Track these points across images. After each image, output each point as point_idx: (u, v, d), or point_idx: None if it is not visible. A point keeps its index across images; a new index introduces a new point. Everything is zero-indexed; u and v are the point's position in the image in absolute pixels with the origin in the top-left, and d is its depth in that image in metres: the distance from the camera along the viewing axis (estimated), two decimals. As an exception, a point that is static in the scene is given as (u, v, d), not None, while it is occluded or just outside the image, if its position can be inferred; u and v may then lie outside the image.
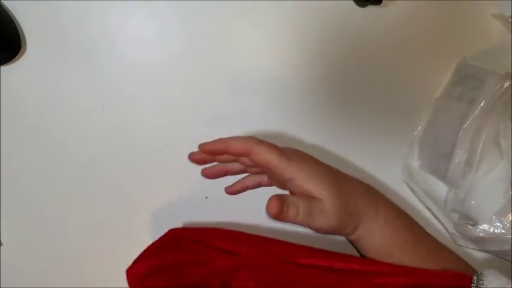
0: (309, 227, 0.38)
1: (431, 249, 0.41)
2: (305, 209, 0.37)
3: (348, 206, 0.38)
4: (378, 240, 0.40)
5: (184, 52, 0.46)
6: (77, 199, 0.46)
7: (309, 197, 0.38)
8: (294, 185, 0.38)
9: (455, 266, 0.41)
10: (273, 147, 0.38)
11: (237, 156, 0.40)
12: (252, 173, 0.45)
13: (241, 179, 0.46)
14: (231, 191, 0.46)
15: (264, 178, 0.45)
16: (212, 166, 0.45)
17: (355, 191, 0.40)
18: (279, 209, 0.36)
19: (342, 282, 0.37)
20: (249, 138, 0.39)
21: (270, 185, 0.45)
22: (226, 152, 0.39)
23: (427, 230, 0.44)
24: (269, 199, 0.36)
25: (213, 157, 0.42)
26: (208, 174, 0.45)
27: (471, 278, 0.37)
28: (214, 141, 0.40)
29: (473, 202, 0.44)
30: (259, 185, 0.45)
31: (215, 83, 0.46)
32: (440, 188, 0.48)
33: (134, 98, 0.45)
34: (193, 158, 0.42)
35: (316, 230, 0.39)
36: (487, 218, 0.44)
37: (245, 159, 0.41)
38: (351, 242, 0.43)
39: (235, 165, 0.44)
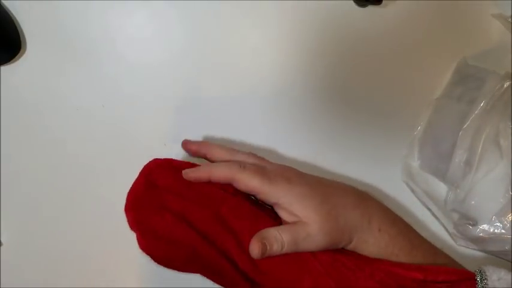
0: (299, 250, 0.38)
1: (427, 255, 0.41)
2: (290, 240, 0.36)
3: (337, 223, 0.38)
4: (373, 249, 0.39)
5: (184, 52, 0.46)
6: (77, 199, 0.46)
7: (292, 226, 0.37)
8: (280, 209, 0.38)
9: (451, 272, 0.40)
10: (257, 172, 0.38)
11: (220, 182, 0.40)
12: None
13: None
14: None
15: None
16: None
17: (346, 203, 0.39)
18: (262, 250, 0.35)
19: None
20: (232, 165, 0.38)
21: None
22: (210, 179, 0.39)
23: (427, 230, 0.44)
24: (250, 242, 0.36)
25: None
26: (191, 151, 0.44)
27: (474, 274, 0.37)
28: (197, 169, 0.39)
29: (473, 202, 0.44)
30: None
31: (215, 82, 0.46)
32: (440, 188, 0.48)
33: (134, 98, 0.45)
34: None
35: (305, 250, 0.38)
36: (487, 218, 0.44)
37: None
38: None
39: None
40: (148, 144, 0.46)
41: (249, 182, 0.38)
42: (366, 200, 0.41)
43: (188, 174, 0.39)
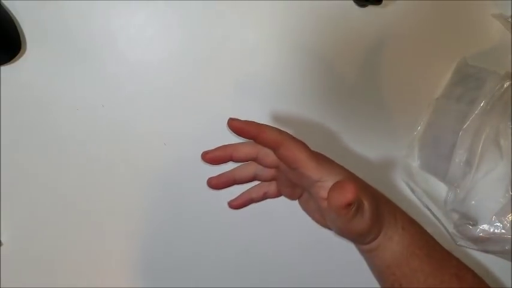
0: (343, 228, 0.37)
1: (443, 256, 0.41)
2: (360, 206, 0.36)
3: (377, 209, 0.38)
4: (397, 247, 0.39)
5: (184, 52, 0.46)
6: (77, 199, 0.46)
7: None
8: (323, 186, 0.37)
9: (464, 272, 0.41)
10: (305, 146, 0.37)
11: (264, 145, 0.38)
12: (263, 179, 0.43)
13: (246, 191, 0.43)
14: (235, 204, 0.43)
15: (271, 187, 0.43)
16: (219, 175, 0.42)
17: (379, 196, 0.40)
18: (355, 198, 0.34)
19: None
20: (283, 131, 0.37)
21: (276, 196, 0.44)
22: (256, 137, 0.37)
23: (427, 230, 0.44)
24: (349, 183, 0.34)
25: (230, 156, 0.39)
26: (214, 184, 0.41)
27: None
28: (247, 123, 0.37)
29: (473, 202, 0.45)
30: (264, 196, 0.43)
31: (215, 82, 0.46)
32: (440, 188, 0.49)
33: (134, 98, 0.45)
34: (207, 158, 0.39)
35: (347, 230, 0.37)
36: (487, 218, 0.44)
37: (265, 158, 0.39)
38: (366, 252, 0.42)
39: (245, 172, 0.42)
40: (148, 144, 0.46)
41: (298, 152, 0.37)
42: (389, 199, 0.42)
43: (234, 122, 0.37)
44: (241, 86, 0.47)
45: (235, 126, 0.37)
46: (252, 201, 0.44)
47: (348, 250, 0.46)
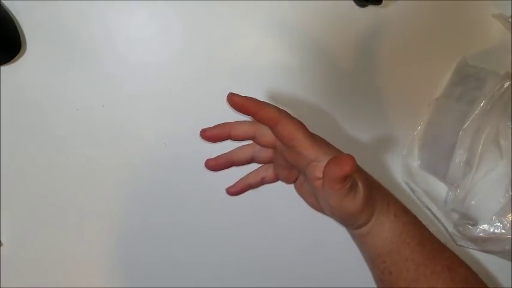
0: (335, 206, 0.37)
1: (436, 247, 0.41)
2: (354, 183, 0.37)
3: (370, 192, 0.38)
4: (388, 234, 0.39)
5: (184, 52, 0.46)
6: (77, 199, 0.46)
7: None
8: (318, 166, 0.37)
9: (457, 265, 0.41)
10: (302, 125, 0.38)
11: (263, 122, 0.38)
12: (260, 160, 0.43)
13: (243, 177, 0.44)
14: (233, 191, 0.44)
15: (269, 172, 0.43)
16: (217, 157, 0.42)
17: (373, 181, 0.40)
18: (351, 170, 0.34)
19: None
20: (282, 109, 0.37)
21: (273, 180, 0.44)
22: (255, 114, 0.37)
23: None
24: (347, 156, 0.34)
25: (228, 134, 0.40)
26: (212, 166, 0.42)
27: None
28: (247, 98, 0.37)
29: (473, 202, 0.45)
30: (262, 181, 0.44)
31: (215, 82, 0.46)
32: (440, 188, 0.49)
33: (134, 98, 0.45)
34: (206, 135, 0.39)
35: (340, 210, 0.37)
36: (487, 218, 0.44)
37: (263, 137, 0.39)
38: (358, 238, 0.42)
39: (243, 153, 0.42)
40: (148, 144, 0.46)
41: (295, 130, 0.37)
42: (383, 186, 0.42)
43: (234, 97, 0.37)
44: (242, 85, 0.47)
45: (235, 101, 0.37)
46: (250, 187, 0.44)
47: (348, 251, 0.46)
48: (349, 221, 0.40)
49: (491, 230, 0.44)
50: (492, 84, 0.44)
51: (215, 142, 0.39)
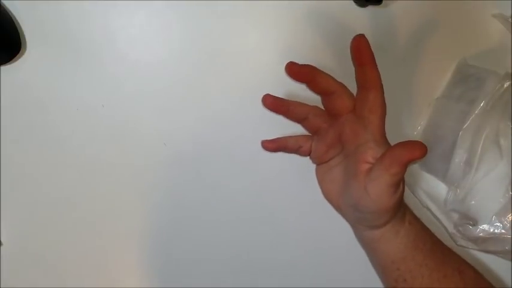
0: (373, 195, 0.37)
1: (444, 251, 0.41)
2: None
3: (403, 195, 0.38)
4: (402, 240, 0.39)
5: (184, 52, 0.46)
6: (77, 199, 0.46)
7: None
8: (373, 150, 0.37)
9: (465, 267, 0.41)
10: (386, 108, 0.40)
11: (366, 79, 0.39)
12: (310, 124, 0.43)
13: (282, 137, 0.44)
14: (269, 146, 0.44)
15: (307, 144, 0.43)
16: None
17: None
18: (423, 155, 0.34)
19: None
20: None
21: (305, 154, 0.44)
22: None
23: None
24: (420, 142, 0.35)
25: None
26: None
27: None
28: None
29: (473, 202, 0.45)
30: (298, 149, 0.44)
31: (215, 82, 0.46)
32: (440, 188, 0.48)
33: (134, 98, 0.45)
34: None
35: (374, 202, 0.37)
36: (487, 218, 0.44)
37: (336, 100, 0.40)
38: (369, 243, 0.42)
39: (300, 108, 0.43)
40: (148, 144, 0.46)
41: (381, 105, 0.39)
42: None
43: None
44: (242, 85, 0.47)
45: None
46: (285, 148, 0.44)
47: (349, 253, 0.46)
48: (370, 216, 0.39)
49: (491, 230, 0.44)
50: (492, 84, 0.44)
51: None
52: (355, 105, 0.40)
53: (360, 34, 0.39)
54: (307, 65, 0.40)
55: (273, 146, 0.44)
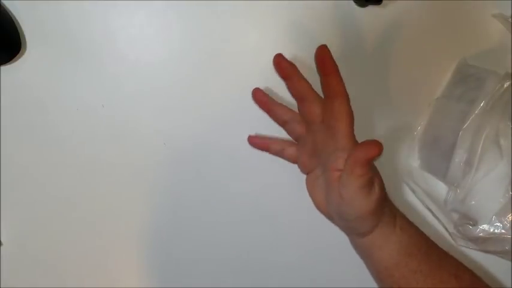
0: (347, 199, 0.37)
1: (441, 255, 0.41)
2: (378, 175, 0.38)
3: (382, 198, 0.38)
4: (394, 246, 0.39)
5: (184, 52, 0.46)
6: (77, 199, 0.46)
7: None
8: (342, 158, 0.38)
9: (462, 272, 0.41)
10: (353, 116, 0.40)
11: (328, 86, 0.40)
12: (291, 128, 0.45)
13: (268, 137, 0.46)
14: (253, 141, 0.46)
15: (291, 149, 0.44)
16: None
17: (385, 192, 0.40)
18: (378, 154, 0.35)
19: None
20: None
21: (291, 158, 0.45)
22: (330, 74, 0.40)
23: (427, 230, 0.44)
24: (376, 140, 0.35)
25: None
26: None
27: None
28: (333, 60, 0.41)
29: (473, 202, 0.45)
30: (281, 152, 0.45)
31: (215, 82, 0.46)
32: (440, 188, 0.49)
33: (134, 98, 0.45)
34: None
35: (350, 207, 0.38)
36: (487, 218, 0.44)
37: (308, 107, 0.42)
38: (363, 250, 0.42)
39: (281, 112, 0.45)
40: (148, 144, 0.46)
41: (347, 114, 0.39)
42: (391, 200, 0.42)
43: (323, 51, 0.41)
44: (242, 85, 0.47)
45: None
46: (268, 149, 0.45)
47: (348, 253, 0.46)
48: (354, 223, 0.39)
49: (491, 230, 0.44)
50: (492, 84, 0.44)
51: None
52: (323, 115, 0.41)
53: (322, 45, 0.41)
54: (290, 62, 0.42)
55: (257, 143, 0.46)
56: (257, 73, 0.47)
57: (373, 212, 0.38)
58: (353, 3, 0.46)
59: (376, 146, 0.35)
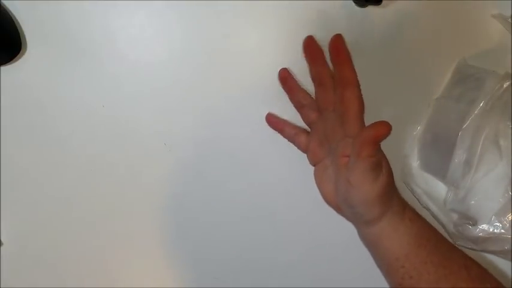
0: (355, 184, 0.37)
1: (450, 248, 0.41)
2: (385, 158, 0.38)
3: (391, 184, 0.39)
4: (404, 237, 0.39)
5: (184, 52, 0.46)
6: (77, 199, 0.46)
7: None
8: (351, 144, 0.38)
9: (471, 263, 0.41)
10: (364, 105, 0.41)
11: (341, 75, 0.41)
12: (304, 112, 0.45)
13: (285, 120, 0.47)
14: (270, 120, 0.47)
15: (303, 135, 0.45)
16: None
17: (394, 183, 0.41)
18: (386, 134, 0.35)
19: None
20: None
21: (302, 145, 0.45)
22: (344, 63, 0.42)
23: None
24: (384, 121, 0.36)
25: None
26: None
27: None
28: (347, 49, 0.42)
29: (473, 202, 0.45)
30: (294, 136, 0.46)
31: (215, 82, 0.46)
32: (440, 188, 0.49)
33: (134, 98, 0.45)
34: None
35: (357, 191, 0.38)
36: (487, 218, 0.44)
37: (322, 92, 0.43)
38: (372, 241, 0.42)
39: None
40: (148, 144, 0.46)
41: (358, 103, 0.40)
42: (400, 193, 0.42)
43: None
44: (242, 86, 0.47)
45: (337, 41, 0.42)
46: (282, 130, 0.46)
47: (349, 252, 0.46)
48: (361, 208, 0.39)
49: (491, 229, 0.44)
50: (492, 84, 0.44)
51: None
52: (335, 103, 0.42)
53: (337, 34, 0.42)
54: (319, 46, 0.43)
55: (273, 122, 0.47)
56: (257, 73, 0.47)
57: (381, 197, 0.38)
58: (353, 3, 0.46)
59: (385, 125, 0.35)
